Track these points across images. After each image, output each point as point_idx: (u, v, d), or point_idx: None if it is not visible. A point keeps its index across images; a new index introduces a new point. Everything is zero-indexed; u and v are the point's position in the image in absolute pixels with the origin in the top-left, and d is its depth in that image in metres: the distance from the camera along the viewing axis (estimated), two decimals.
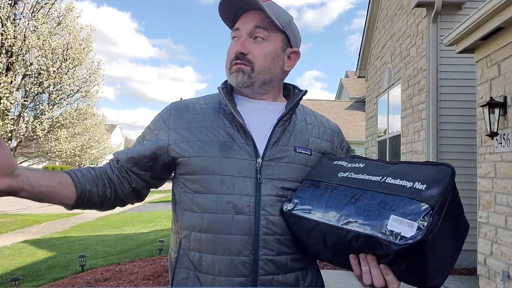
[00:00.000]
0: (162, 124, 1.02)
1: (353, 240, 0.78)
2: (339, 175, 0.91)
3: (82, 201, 0.95)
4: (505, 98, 3.40)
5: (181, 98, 6.19)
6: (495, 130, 3.44)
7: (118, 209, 13.74)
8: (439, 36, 5.13)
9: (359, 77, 9.35)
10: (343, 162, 0.96)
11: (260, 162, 0.94)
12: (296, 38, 1.07)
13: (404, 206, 0.75)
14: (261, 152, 0.95)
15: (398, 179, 0.81)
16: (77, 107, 12.20)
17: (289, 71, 1.08)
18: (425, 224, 0.71)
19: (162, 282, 4.57)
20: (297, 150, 0.98)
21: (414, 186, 0.77)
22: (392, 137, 6.93)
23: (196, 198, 0.94)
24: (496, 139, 3.51)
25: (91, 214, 12.27)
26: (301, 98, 1.03)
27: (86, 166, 0.99)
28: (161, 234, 7.91)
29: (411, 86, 5.86)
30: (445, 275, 0.77)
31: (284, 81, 1.11)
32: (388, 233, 0.73)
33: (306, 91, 1.06)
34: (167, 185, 1.18)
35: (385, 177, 0.83)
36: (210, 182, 0.93)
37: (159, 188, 1.15)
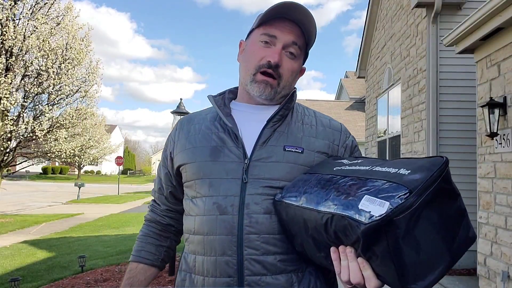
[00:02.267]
0: (170, 140, 1.09)
1: (327, 223, 0.75)
2: (334, 169, 0.89)
3: (163, 266, 1.13)
4: (505, 98, 3.40)
5: (180, 99, 6.18)
6: (495, 131, 3.44)
7: (118, 209, 13.77)
8: (439, 37, 5.13)
9: (359, 77, 9.36)
10: (345, 160, 0.94)
11: (247, 163, 0.94)
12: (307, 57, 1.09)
13: (381, 188, 0.71)
14: (249, 153, 0.95)
15: (386, 167, 0.78)
16: (77, 107, 12.19)
17: None
18: (398, 202, 0.66)
19: (162, 283, 4.57)
20: (286, 149, 0.96)
21: (398, 172, 0.74)
22: (392, 137, 6.93)
23: (192, 203, 0.98)
24: (496, 140, 3.51)
25: (91, 215, 12.27)
26: (290, 97, 1.01)
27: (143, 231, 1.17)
28: None
29: (411, 86, 5.86)
30: (430, 280, 0.69)
31: None
32: (357, 213, 0.69)
33: (294, 91, 1.05)
34: None
35: (375, 166, 0.81)
36: (201, 186, 0.95)
37: None
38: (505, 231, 3.35)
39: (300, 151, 0.97)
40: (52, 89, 10.95)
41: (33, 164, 14.31)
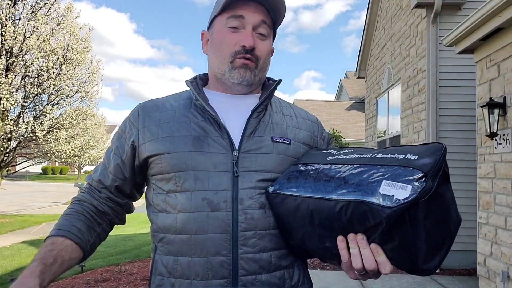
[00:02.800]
0: (130, 125, 0.96)
1: (342, 211, 0.74)
2: (327, 158, 0.88)
3: (89, 253, 0.94)
4: (504, 98, 3.40)
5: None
6: (495, 131, 3.44)
7: None
8: (439, 37, 5.13)
9: (358, 77, 9.36)
10: (332, 150, 0.94)
11: (237, 155, 0.88)
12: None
13: (397, 173, 0.71)
14: (236, 144, 0.90)
15: (389, 154, 0.78)
16: (77, 107, 12.19)
17: None
18: (420, 186, 0.67)
19: None
20: (275, 140, 0.93)
21: (406, 157, 0.74)
22: (391, 137, 6.93)
23: (169, 198, 0.88)
24: (496, 140, 3.51)
25: None
26: (275, 88, 0.98)
27: (71, 205, 0.98)
28: None
29: (410, 86, 5.86)
30: (438, 260, 0.72)
31: None
32: (380, 197, 0.69)
33: (280, 80, 1.01)
34: None
35: (376, 154, 0.81)
36: (184, 179, 0.87)
37: None
38: (505, 231, 3.35)
39: (288, 142, 0.95)
40: (52, 89, 10.95)
41: (33, 164, 14.31)
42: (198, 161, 0.87)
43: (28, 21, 10.09)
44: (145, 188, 1.01)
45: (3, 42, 9.74)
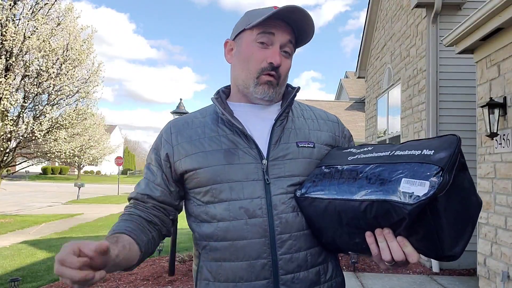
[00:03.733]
0: (164, 142, 1.02)
1: (367, 210, 0.78)
2: (349, 158, 0.93)
3: (143, 252, 0.93)
4: (504, 98, 3.40)
5: (180, 99, 6.18)
6: (495, 131, 3.44)
7: (117, 210, 13.75)
8: (439, 37, 5.13)
9: (358, 77, 9.36)
10: (352, 149, 0.98)
11: (266, 163, 0.94)
12: None
13: (414, 170, 0.76)
14: (264, 153, 0.96)
15: (406, 150, 0.82)
16: (76, 107, 12.18)
17: None
18: (437, 181, 0.71)
19: (161, 283, 4.56)
20: (300, 145, 0.99)
21: (422, 153, 0.78)
22: (392, 137, 6.93)
23: (208, 209, 0.95)
24: (496, 140, 3.51)
25: (91, 215, 12.26)
26: (295, 95, 1.04)
27: (123, 215, 1.00)
28: None
29: (410, 86, 5.86)
30: (462, 245, 0.77)
31: None
32: (401, 195, 0.73)
33: (299, 88, 1.06)
34: None
35: (394, 151, 0.85)
36: (220, 191, 0.93)
37: None
38: (505, 231, 3.35)
39: (311, 145, 1.00)
40: (52, 89, 10.94)
41: (32, 165, 14.31)
42: (231, 173, 0.93)
43: (28, 21, 10.09)
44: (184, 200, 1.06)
45: (3, 42, 9.74)
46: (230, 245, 0.91)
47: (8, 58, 9.99)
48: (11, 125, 10.11)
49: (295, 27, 1.00)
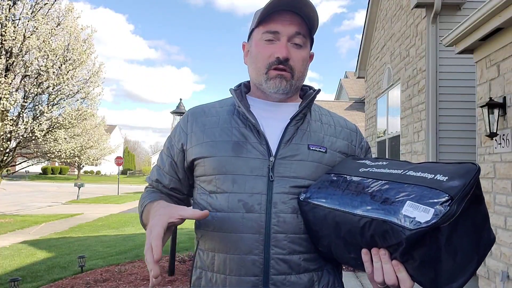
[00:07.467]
0: (180, 131, 1.05)
1: (365, 227, 0.76)
2: (360, 170, 0.90)
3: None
4: (504, 98, 3.41)
5: (180, 99, 6.19)
6: (495, 131, 3.44)
7: (117, 210, 13.76)
8: (439, 37, 5.13)
9: (358, 77, 9.36)
10: (367, 161, 0.95)
11: (273, 161, 0.93)
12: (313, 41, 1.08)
13: (422, 194, 0.71)
14: (274, 151, 0.95)
15: (420, 172, 0.78)
16: (77, 107, 12.18)
17: None
18: (442, 210, 0.67)
19: (161, 283, 4.56)
20: (311, 148, 0.97)
21: (435, 178, 0.74)
22: (391, 137, 6.94)
23: (211, 199, 0.95)
24: (496, 140, 3.52)
25: (91, 215, 12.26)
26: (314, 97, 1.03)
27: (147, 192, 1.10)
28: None
29: (410, 86, 5.86)
30: (461, 282, 0.72)
31: None
32: (402, 218, 0.70)
33: (319, 90, 1.06)
34: None
35: (407, 171, 0.81)
36: (223, 181, 0.93)
37: None
38: (505, 231, 3.35)
39: (323, 150, 0.98)
40: (52, 89, 10.94)
41: (32, 164, 14.30)
42: (236, 165, 0.93)
43: (28, 21, 10.09)
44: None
45: (3, 42, 9.74)
46: (225, 237, 0.91)
47: (8, 58, 9.99)
48: (11, 125, 10.12)
49: (304, 15, 0.98)
